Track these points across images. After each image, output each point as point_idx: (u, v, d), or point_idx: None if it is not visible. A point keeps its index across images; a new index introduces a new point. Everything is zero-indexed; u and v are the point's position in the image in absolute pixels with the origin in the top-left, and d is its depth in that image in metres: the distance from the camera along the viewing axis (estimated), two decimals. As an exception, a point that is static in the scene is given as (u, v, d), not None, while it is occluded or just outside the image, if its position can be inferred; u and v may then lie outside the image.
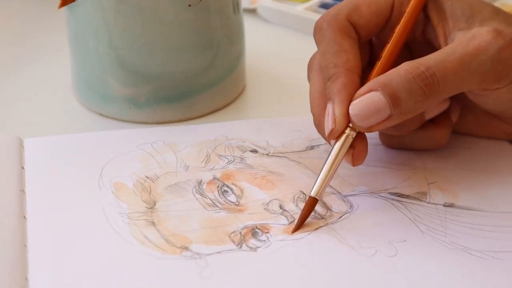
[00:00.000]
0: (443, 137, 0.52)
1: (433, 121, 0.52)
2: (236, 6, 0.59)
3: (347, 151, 0.47)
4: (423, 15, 0.51)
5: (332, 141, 0.47)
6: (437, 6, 0.50)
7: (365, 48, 0.52)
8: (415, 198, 0.50)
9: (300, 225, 0.47)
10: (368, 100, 0.46)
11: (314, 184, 0.47)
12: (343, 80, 0.47)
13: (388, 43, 0.49)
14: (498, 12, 0.49)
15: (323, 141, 0.55)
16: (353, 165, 0.48)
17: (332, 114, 0.47)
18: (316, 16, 0.72)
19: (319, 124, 0.49)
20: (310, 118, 0.54)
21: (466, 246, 0.46)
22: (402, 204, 0.49)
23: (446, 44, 0.49)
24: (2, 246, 0.44)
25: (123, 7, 0.55)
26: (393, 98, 0.46)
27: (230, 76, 0.60)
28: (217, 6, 0.57)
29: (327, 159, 0.47)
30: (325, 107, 0.48)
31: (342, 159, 0.47)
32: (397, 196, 0.50)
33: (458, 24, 0.48)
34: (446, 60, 0.46)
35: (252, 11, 0.75)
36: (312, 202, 0.47)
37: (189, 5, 0.55)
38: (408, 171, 0.52)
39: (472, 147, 0.54)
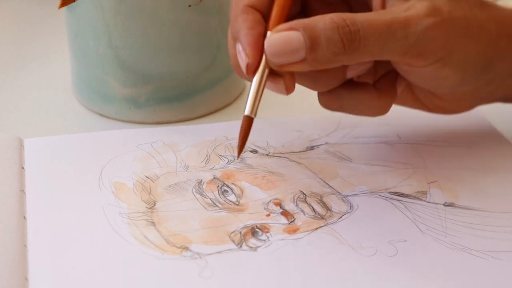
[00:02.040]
0: (385, 106, 0.50)
1: (377, 87, 0.50)
2: (236, 6, 0.59)
3: (277, 81, 0.46)
4: None
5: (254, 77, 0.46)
6: None
7: None
8: (415, 198, 0.50)
9: (241, 146, 0.46)
10: (287, 37, 0.45)
11: (246, 103, 0.46)
12: (243, 16, 0.46)
13: None
14: None
15: (323, 141, 0.55)
16: (287, 93, 0.47)
17: (242, 50, 0.46)
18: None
19: (236, 66, 0.48)
20: (310, 118, 0.54)
21: (466, 246, 0.46)
22: (402, 203, 0.49)
23: (383, 8, 0.48)
24: (2, 246, 0.44)
25: (123, 7, 0.55)
26: (312, 42, 0.45)
27: (230, 76, 0.60)
28: (217, 6, 0.57)
29: (253, 82, 0.46)
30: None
31: (265, 78, 0.46)
32: (397, 195, 0.50)
33: None
34: (374, 21, 0.45)
35: (252, 11, 0.75)
36: (248, 121, 0.46)
37: (189, 6, 0.55)
38: (408, 171, 0.52)
39: (472, 147, 0.54)
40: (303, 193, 0.50)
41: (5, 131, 0.55)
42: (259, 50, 0.46)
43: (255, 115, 0.46)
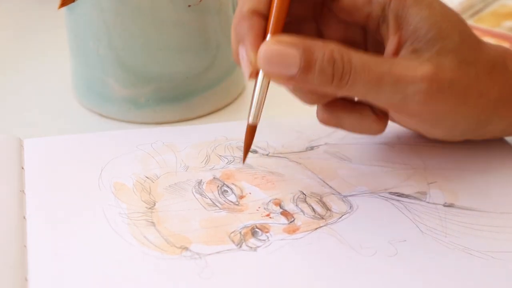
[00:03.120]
0: (382, 128, 0.50)
1: (373, 110, 0.49)
2: (236, 6, 0.59)
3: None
4: (381, 13, 0.48)
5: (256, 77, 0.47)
6: (402, 15, 0.48)
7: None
8: (415, 198, 0.50)
9: (246, 153, 0.48)
10: (284, 51, 0.45)
11: (250, 110, 0.47)
12: (249, 22, 0.47)
13: None
14: (464, 41, 0.47)
15: (322, 141, 0.55)
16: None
17: (246, 56, 0.47)
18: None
19: (237, 57, 0.48)
20: (310, 118, 0.54)
21: (466, 246, 0.46)
22: (402, 204, 0.49)
23: (395, 55, 0.48)
24: (2, 246, 0.44)
25: (123, 8, 0.55)
26: (306, 65, 0.45)
27: (230, 77, 0.60)
28: (217, 6, 0.57)
29: (255, 87, 0.47)
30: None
31: (268, 83, 0.47)
32: (397, 196, 0.50)
33: (417, 42, 0.47)
34: (369, 67, 0.45)
35: (252, 12, 0.75)
36: (252, 129, 0.48)
37: (189, 6, 0.55)
38: (408, 171, 0.52)
39: (472, 147, 0.54)
40: (303, 193, 0.50)
41: (5, 131, 0.55)
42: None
43: (258, 123, 0.47)
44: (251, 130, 0.48)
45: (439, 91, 0.46)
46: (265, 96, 0.47)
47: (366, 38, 0.51)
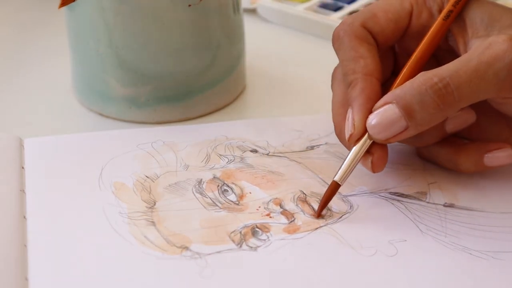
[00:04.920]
0: (464, 167, 0.51)
1: (461, 145, 0.51)
2: (236, 6, 0.59)
3: (366, 158, 0.48)
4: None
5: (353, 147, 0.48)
6: (456, 18, 0.50)
7: (389, 58, 0.52)
8: (415, 198, 0.50)
9: (322, 208, 0.48)
10: (384, 114, 0.47)
11: (338, 170, 0.48)
12: (361, 85, 0.48)
13: (412, 55, 0.49)
14: None
15: (323, 141, 0.55)
16: (373, 172, 0.48)
17: (351, 119, 0.48)
18: (316, 16, 0.72)
19: (340, 133, 0.50)
20: (310, 118, 0.54)
21: (466, 246, 0.46)
22: (402, 204, 0.49)
23: (466, 52, 0.49)
24: (2, 246, 0.44)
25: (123, 7, 0.55)
26: (407, 111, 0.46)
27: (230, 76, 0.60)
28: (217, 6, 0.57)
29: (350, 152, 0.48)
30: (346, 116, 0.49)
31: (364, 152, 0.48)
32: (397, 196, 0.50)
33: (476, 32, 0.48)
34: (460, 69, 0.46)
35: (252, 11, 0.75)
36: (334, 186, 0.48)
37: (189, 5, 0.55)
38: (408, 171, 0.52)
39: (472, 147, 0.54)
40: (303, 193, 0.50)
41: (5, 131, 0.55)
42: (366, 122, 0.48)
43: (342, 184, 0.48)
44: (334, 187, 0.48)
45: None
46: (358, 160, 0.48)
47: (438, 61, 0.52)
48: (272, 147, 0.54)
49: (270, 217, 0.48)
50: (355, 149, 0.48)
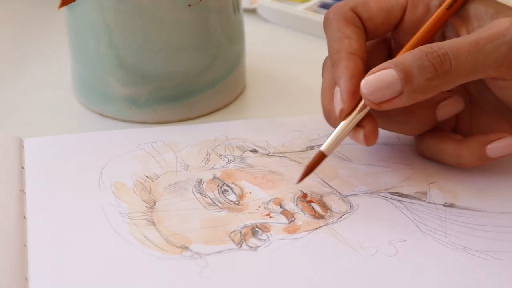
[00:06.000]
0: (467, 160, 0.51)
1: (462, 139, 0.51)
2: (236, 6, 0.59)
3: (357, 131, 0.48)
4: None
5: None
6: (458, 10, 0.50)
7: (383, 52, 0.53)
8: (415, 198, 0.50)
9: (305, 175, 0.48)
10: (380, 75, 0.47)
11: (326, 140, 0.48)
12: (345, 62, 0.48)
13: (410, 39, 0.50)
14: None
15: (323, 141, 0.55)
16: (367, 145, 0.49)
17: (339, 95, 0.48)
18: (316, 16, 0.72)
19: (328, 114, 0.50)
20: (310, 118, 0.54)
21: (466, 246, 0.46)
22: (402, 204, 0.49)
23: None
24: (2, 246, 0.44)
25: (123, 7, 0.55)
26: (405, 73, 0.46)
27: (230, 76, 0.60)
28: (217, 6, 0.57)
29: (339, 124, 0.48)
30: (333, 100, 0.49)
31: (354, 125, 0.48)
32: (397, 196, 0.50)
33: (482, 23, 0.49)
34: (460, 42, 0.47)
35: (252, 11, 0.75)
36: (319, 156, 0.48)
37: (189, 5, 0.55)
38: (408, 171, 0.52)
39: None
40: (303, 193, 0.50)
41: (5, 131, 0.55)
42: (355, 99, 0.48)
43: (328, 154, 0.48)
44: (320, 157, 0.48)
45: None
46: (346, 134, 0.48)
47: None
48: (272, 147, 0.54)
49: (270, 217, 0.48)
50: (344, 122, 0.48)
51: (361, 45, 0.49)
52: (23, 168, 0.51)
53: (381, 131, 0.54)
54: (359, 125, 0.48)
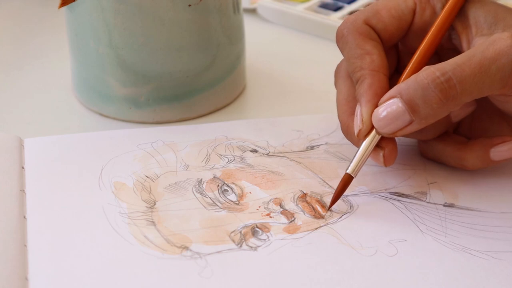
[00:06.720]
0: (470, 163, 0.51)
1: (466, 143, 0.51)
2: (236, 6, 0.59)
3: (377, 152, 0.48)
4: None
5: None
6: (460, 14, 0.50)
7: (392, 55, 0.53)
8: (415, 198, 0.50)
9: (335, 201, 0.48)
10: (388, 108, 0.47)
11: (351, 162, 0.48)
12: (369, 81, 0.48)
13: (417, 50, 0.50)
14: None
15: (323, 141, 0.55)
16: (385, 165, 0.49)
17: (360, 114, 0.48)
18: (316, 16, 0.72)
19: (346, 130, 0.50)
20: (310, 118, 0.54)
21: (466, 246, 0.46)
22: (402, 204, 0.49)
23: (469, 48, 0.49)
24: (2, 246, 0.44)
25: (123, 7, 0.55)
26: (411, 105, 0.46)
27: (230, 76, 0.60)
28: (217, 6, 0.57)
29: (361, 145, 0.48)
30: (352, 113, 0.49)
31: (374, 146, 0.48)
32: (397, 195, 0.50)
33: (480, 30, 0.49)
34: (464, 64, 0.46)
35: (252, 11, 0.75)
36: (347, 179, 0.48)
37: (189, 5, 0.55)
38: (408, 171, 0.52)
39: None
40: (303, 193, 0.50)
41: (5, 131, 0.55)
42: None
43: (355, 176, 0.48)
44: (347, 180, 0.48)
45: None
46: (369, 154, 0.48)
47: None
48: (272, 147, 0.54)
49: (270, 217, 0.48)
50: (365, 142, 0.48)
51: (383, 60, 0.49)
52: (23, 168, 0.51)
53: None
54: (378, 145, 0.48)
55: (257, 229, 0.47)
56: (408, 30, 0.51)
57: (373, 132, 0.48)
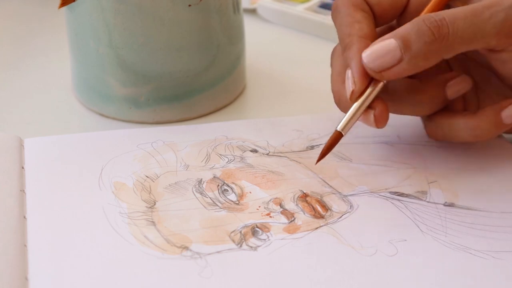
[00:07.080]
0: (484, 129, 0.51)
1: (475, 111, 0.51)
2: (236, 6, 0.59)
3: (368, 113, 0.49)
4: None
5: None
6: None
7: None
8: (415, 197, 0.50)
9: (322, 156, 0.49)
10: (380, 44, 0.48)
11: (341, 120, 0.49)
12: (358, 45, 0.49)
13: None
14: None
15: (323, 141, 0.55)
16: (377, 126, 0.49)
17: (351, 76, 0.49)
18: (316, 16, 0.72)
19: (339, 100, 0.51)
20: (310, 118, 0.54)
21: (466, 246, 0.46)
22: (402, 203, 0.49)
23: None
24: (2, 246, 0.44)
25: (123, 7, 0.55)
26: (403, 40, 0.47)
27: (230, 76, 0.60)
28: (217, 6, 0.57)
29: (352, 105, 0.49)
30: (343, 82, 0.50)
31: (365, 107, 0.49)
32: (397, 195, 0.50)
33: None
34: (458, 10, 0.47)
35: (252, 11, 0.75)
36: (336, 136, 0.49)
37: (189, 5, 0.55)
38: (408, 170, 0.52)
39: (471, 147, 0.54)
40: (303, 193, 0.50)
41: (5, 131, 0.55)
42: (366, 80, 0.49)
43: (345, 134, 0.49)
44: (337, 137, 0.49)
45: None
46: (360, 115, 0.49)
47: None
48: (272, 147, 0.54)
49: (270, 216, 0.48)
50: (357, 103, 0.49)
51: (372, 29, 0.50)
52: (23, 168, 0.51)
53: (381, 130, 0.54)
54: (369, 107, 0.49)
55: (257, 229, 0.47)
56: (404, 10, 0.52)
57: (366, 93, 0.48)
